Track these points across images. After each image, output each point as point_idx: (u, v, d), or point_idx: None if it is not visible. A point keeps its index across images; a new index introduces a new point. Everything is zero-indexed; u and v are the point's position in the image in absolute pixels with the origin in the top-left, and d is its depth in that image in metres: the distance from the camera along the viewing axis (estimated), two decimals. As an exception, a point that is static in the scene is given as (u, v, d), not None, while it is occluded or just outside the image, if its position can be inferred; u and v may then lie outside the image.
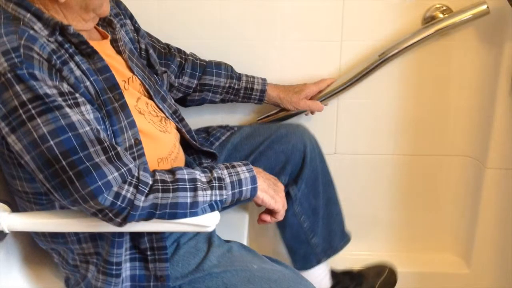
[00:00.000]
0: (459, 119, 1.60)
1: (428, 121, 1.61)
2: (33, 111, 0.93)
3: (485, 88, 1.53)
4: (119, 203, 0.96)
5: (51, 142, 0.93)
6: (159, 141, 1.18)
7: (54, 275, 1.27)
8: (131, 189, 0.97)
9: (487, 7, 1.39)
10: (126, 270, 1.13)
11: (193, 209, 1.03)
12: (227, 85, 1.47)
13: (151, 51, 1.37)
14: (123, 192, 0.96)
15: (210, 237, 1.22)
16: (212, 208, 1.06)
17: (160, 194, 1.00)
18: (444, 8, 1.46)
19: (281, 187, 1.18)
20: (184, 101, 1.49)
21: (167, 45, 1.46)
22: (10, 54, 0.94)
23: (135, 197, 0.97)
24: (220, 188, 1.06)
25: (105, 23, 1.22)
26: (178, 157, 1.23)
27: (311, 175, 1.41)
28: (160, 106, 1.24)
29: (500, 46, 1.46)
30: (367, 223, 1.73)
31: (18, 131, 0.94)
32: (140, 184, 0.98)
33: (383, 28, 1.50)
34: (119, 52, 1.21)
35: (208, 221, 1.06)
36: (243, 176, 1.09)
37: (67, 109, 0.95)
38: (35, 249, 1.27)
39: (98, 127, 1.00)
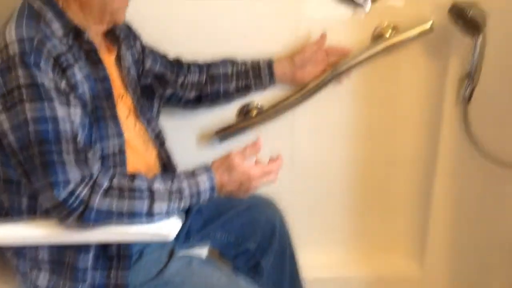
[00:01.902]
0: (409, 128, 1.67)
1: (379, 131, 1.67)
2: (25, 95, 1.01)
3: (433, 99, 1.61)
4: (72, 200, 1.02)
5: (30, 128, 1.01)
6: (141, 156, 1.24)
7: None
8: (86, 189, 1.03)
9: (431, 26, 1.48)
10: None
11: (149, 217, 1.09)
12: (234, 70, 1.51)
13: (158, 65, 1.43)
14: (78, 192, 1.03)
15: (172, 250, 1.26)
16: (168, 216, 1.11)
17: (115, 202, 1.05)
18: (392, 26, 1.53)
19: (249, 174, 1.15)
20: (199, 99, 1.52)
21: (175, 58, 1.51)
22: (24, 42, 1.03)
23: (90, 198, 1.03)
24: (179, 200, 1.11)
25: (114, 38, 1.28)
26: None
27: (279, 249, 1.46)
28: (145, 126, 1.29)
29: (445, 60, 1.55)
30: (322, 229, 1.77)
31: (8, 111, 1.02)
32: (95, 186, 1.04)
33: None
34: (119, 69, 1.27)
35: (168, 230, 1.09)
36: (202, 188, 1.13)
37: (57, 104, 1.03)
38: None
39: (80, 131, 1.06)
